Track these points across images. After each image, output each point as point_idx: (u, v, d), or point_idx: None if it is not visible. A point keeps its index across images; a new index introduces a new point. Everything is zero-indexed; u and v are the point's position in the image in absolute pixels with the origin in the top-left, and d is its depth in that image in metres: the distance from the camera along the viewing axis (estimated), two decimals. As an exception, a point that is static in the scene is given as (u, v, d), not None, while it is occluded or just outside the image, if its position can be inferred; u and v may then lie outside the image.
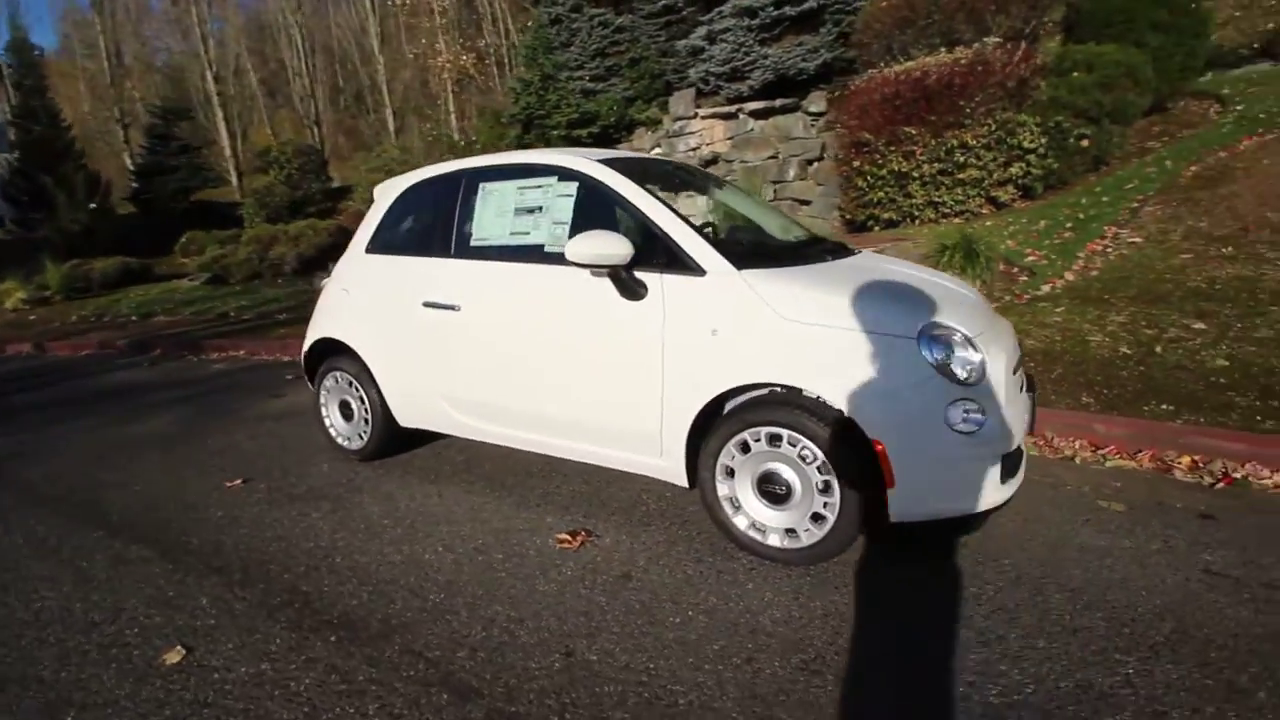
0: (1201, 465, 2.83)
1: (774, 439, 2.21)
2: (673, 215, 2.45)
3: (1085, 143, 7.33)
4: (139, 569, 2.56)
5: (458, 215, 3.03)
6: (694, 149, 14.93)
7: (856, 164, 8.70)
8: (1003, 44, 7.77)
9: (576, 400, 2.64)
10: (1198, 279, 4.53)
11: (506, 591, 2.25)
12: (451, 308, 2.92)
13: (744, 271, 2.29)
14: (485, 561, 2.46)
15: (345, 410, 3.56)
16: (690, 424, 2.35)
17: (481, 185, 2.97)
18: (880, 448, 2.02)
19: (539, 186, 2.78)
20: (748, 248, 2.53)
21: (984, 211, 7.70)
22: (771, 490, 2.26)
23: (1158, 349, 3.68)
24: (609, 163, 2.69)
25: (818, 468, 2.14)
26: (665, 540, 2.52)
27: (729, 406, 2.34)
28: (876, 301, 2.19)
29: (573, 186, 2.69)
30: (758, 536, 2.32)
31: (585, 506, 2.85)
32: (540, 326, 2.69)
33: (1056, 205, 7.10)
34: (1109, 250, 5.56)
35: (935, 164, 7.69)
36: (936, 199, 7.86)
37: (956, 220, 7.73)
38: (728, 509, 2.36)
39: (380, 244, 3.36)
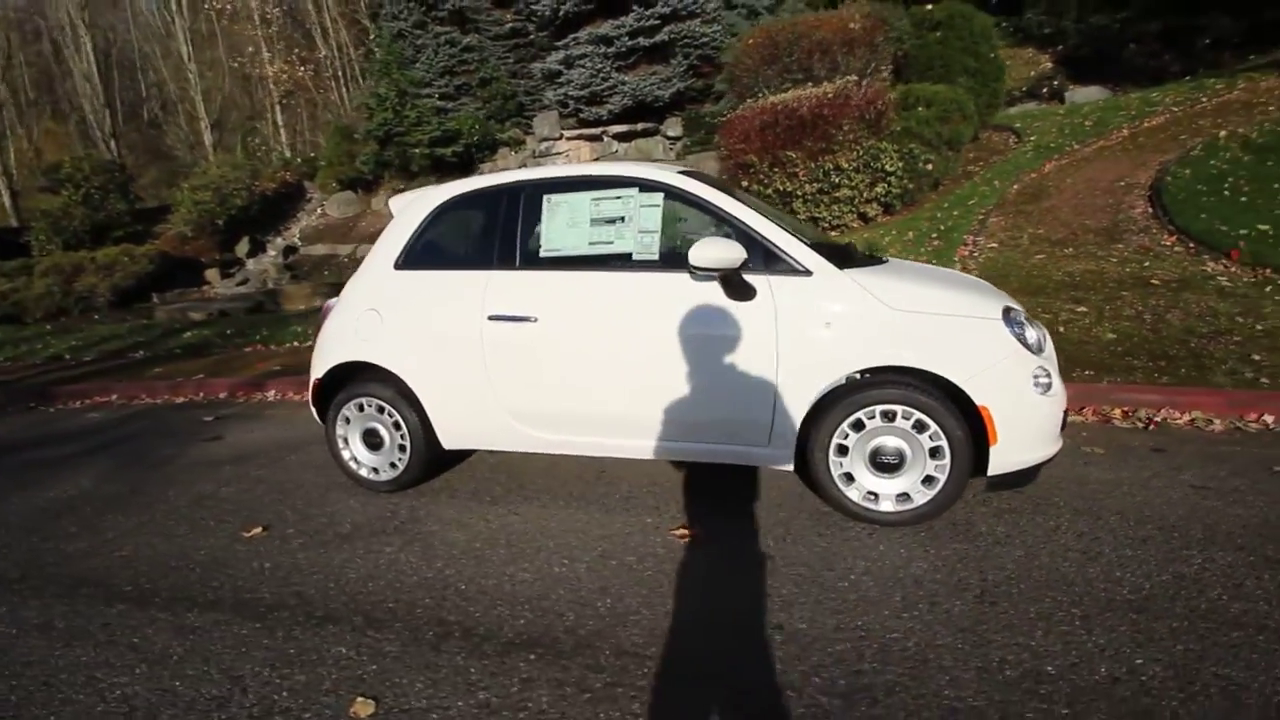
0: (1130, 414, 3.63)
1: (888, 415, 2.52)
2: (769, 222, 2.69)
3: (930, 166, 8.71)
4: (220, 633, 2.23)
5: (520, 227, 3.00)
6: (562, 169, 15.09)
7: (744, 184, 9.45)
8: (857, 82, 8.99)
9: (679, 399, 2.75)
10: (1058, 274, 5.67)
11: (669, 586, 2.32)
12: (526, 319, 2.88)
13: (846, 271, 2.59)
14: (621, 565, 2.48)
15: (372, 440, 3.29)
16: (807, 410, 2.59)
17: (546, 197, 2.98)
18: (986, 412, 2.42)
19: (618, 198, 2.87)
20: (827, 250, 2.83)
21: (855, 226, 8.81)
22: (884, 461, 2.57)
23: (1060, 329, 4.59)
24: (688, 174, 2.87)
25: (930, 435, 2.49)
26: (771, 523, 2.71)
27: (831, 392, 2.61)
28: (957, 292, 2.61)
29: (658, 197, 2.81)
30: (871, 505, 2.61)
31: (670, 504, 2.95)
32: (636, 330, 2.77)
33: (915, 219, 8.34)
34: (976, 254, 6.70)
35: (815, 184, 8.65)
36: (817, 215, 8.83)
37: (833, 233, 8.75)
38: (841, 484, 2.62)
39: (417, 259, 3.18)
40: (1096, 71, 13.04)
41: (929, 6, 10.42)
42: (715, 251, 2.51)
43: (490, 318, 2.94)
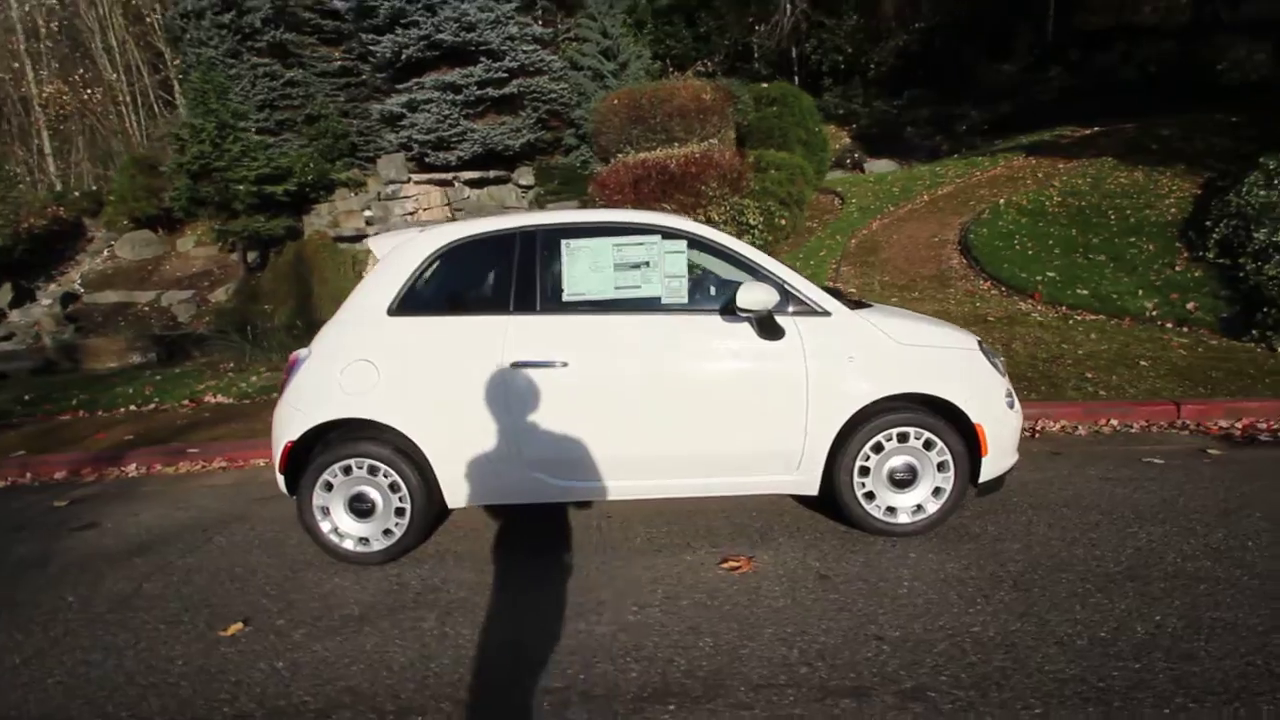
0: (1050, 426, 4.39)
1: (902, 437, 2.86)
2: (788, 268, 2.94)
3: (784, 221, 9.80)
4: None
5: (539, 271, 2.94)
6: (411, 213, 14.58)
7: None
8: (719, 146, 9.92)
9: (715, 435, 2.86)
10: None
11: (764, 613, 2.39)
12: (554, 364, 2.82)
13: (856, 311, 2.92)
14: (694, 604, 2.50)
15: (360, 506, 2.93)
16: (834, 437, 2.84)
17: (564, 242, 2.96)
18: (980, 428, 2.85)
19: (640, 244, 2.95)
20: (831, 293, 3.13)
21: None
22: (899, 478, 2.89)
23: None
24: (700, 224, 3.05)
25: (937, 451, 2.86)
26: (803, 546, 2.90)
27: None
28: (939, 327, 3.06)
29: (681, 244, 2.95)
30: (890, 519, 2.91)
31: (699, 540, 3.01)
32: (672, 371, 2.84)
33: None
34: (841, 298, 7.65)
35: (690, 234, 9.28)
36: (692, 262, 9.46)
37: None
38: (864, 502, 2.90)
39: (416, 305, 2.96)
40: (886, 147, 15.60)
41: (764, 85, 11.86)
42: (759, 295, 2.70)
43: (514, 364, 2.83)
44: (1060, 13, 17.36)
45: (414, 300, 2.97)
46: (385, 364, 2.88)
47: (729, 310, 2.85)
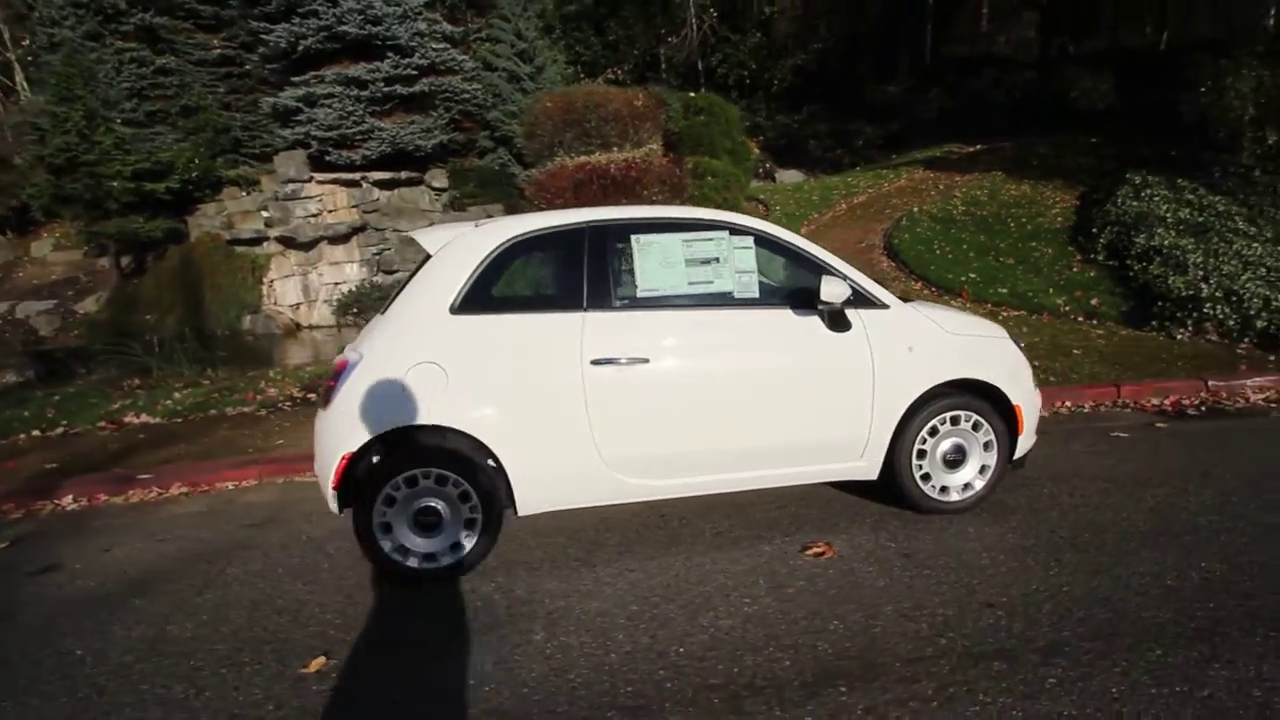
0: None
1: (954, 419, 3.07)
2: (844, 263, 3.07)
3: (721, 226, 10.10)
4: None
5: (612, 267, 2.88)
6: (314, 215, 13.61)
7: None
8: (655, 152, 10.07)
9: (789, 426, 2.93)
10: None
11: (872, 593, 2.48)
12: (635, 361, 2.77)
13: (908, 304, 3.11)
14: (799, 591, 2.55)
15: (425, 521, 2.73)
16: (897, 422, 2.99)
17: (634, 238, 2.92)
18: (1019, 409, 3.12)
19: (709, 240, 2.97)
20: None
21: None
22: (951, 459, 3.10)
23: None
24: (763, 221, 3.12)
25: (984, 432, 3.10)
26: (870, 529, 3.04)
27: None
28: (975, 318, 3.31)
29: (749, 240, 3.00)
30: (943, 498, 3.11)
31: (775, 529, 3.07)
32: (749, 365, 2.88)
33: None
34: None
35: (634, 238, 9.36)
36: (636, 266, 9.53)
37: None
38: (922, 483, 3.08)
39: (481, 303, 2.79)
40: (793, 158, 16.49)
41: (692, 95, 12.18)
42: (837, 289, 2.81)
43: (594, 361, 2.75)
44: (935, 41, 19.20)
45: (478, 298, 2.80)
46: (453, 366, 2.70)
47: (800, 304, 2.94)
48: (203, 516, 3.75)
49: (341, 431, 2.68)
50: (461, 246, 2.86)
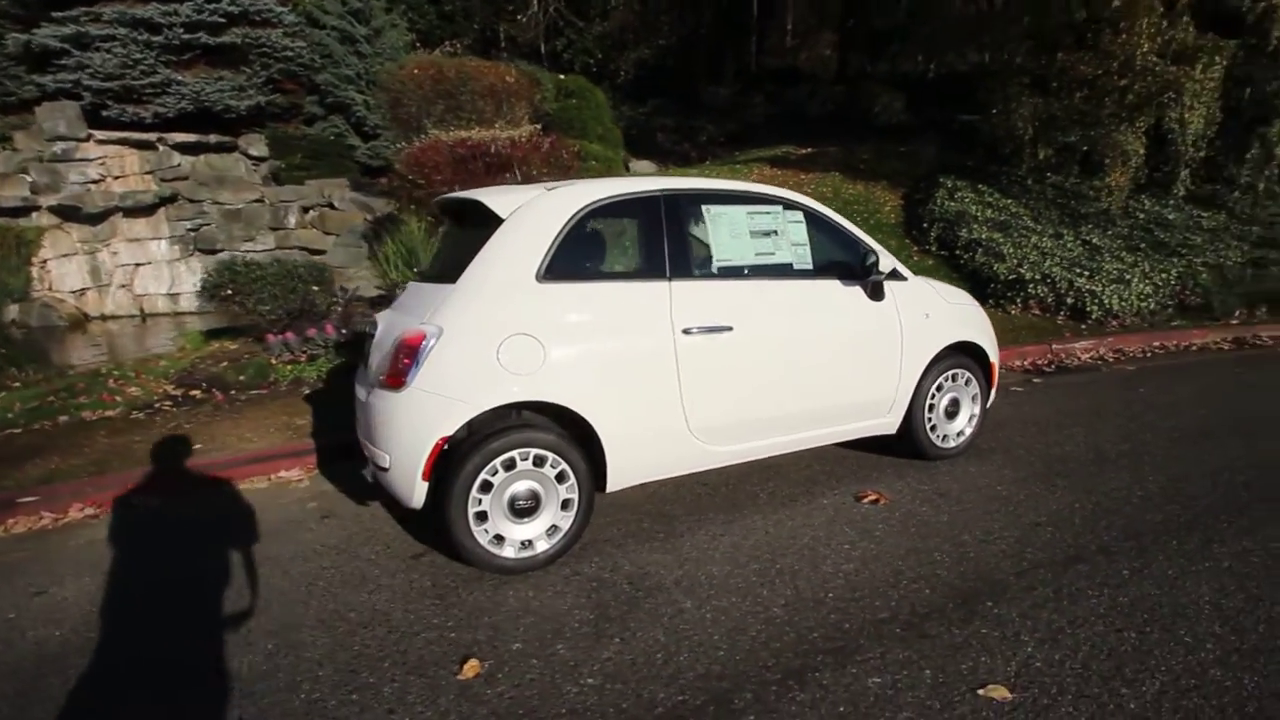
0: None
1: (954, 376, 3.55)
2: (872, 239, 3.38)
3: (603, 211, 10.18)
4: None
5: (690, 236, 2.87)
6: (96, 181, 11.26)
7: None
8: (537, 131, 9.80)
9: (839, 388, 3.17)
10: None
11: (942, 527, 2.82)
12: (721, 329, 2.82)
13: (917, 277, 3.51)
14: (886, 530, 2.82)
15: (521, 505, 2.52)
16: (917, 381, 3.39)
17: (705, 208, 2.94)
18: (993, 366, 3.69)
19: (768, 213, 3.09)
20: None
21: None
22: (950, 411, 3.58)
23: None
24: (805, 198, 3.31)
25: (969, 385, 3.62)
26: (895, 477, 3.40)
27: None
28: (958, 290, 3.82)
29: (800, 215, 3.17)
30: (945, 445, 3.58)
31: (821, 484, 3.30)
32: (811, 332, 3.07)
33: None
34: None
35: (523, 220, 9.08)
36: (524, 249, 9.26)
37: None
38: (930, 434, 3.52)
39: (564, 271, 2.62)
40: (644, 149, 16.96)
41: (561, 76, 12.00)
42: (886, 262, 3.11)
43: (684, 330, 2.75)
44: (757, 51, 20.92)
45: (562, 266, 2.65)
46: (551, 338, 2.53)
47: (845, 275, 3.20)
48: (156, 538, 3.05)
49: (431, 414, 2.39)
50: (539, 211, 2.67)
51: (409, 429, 2.40)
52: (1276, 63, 9.36)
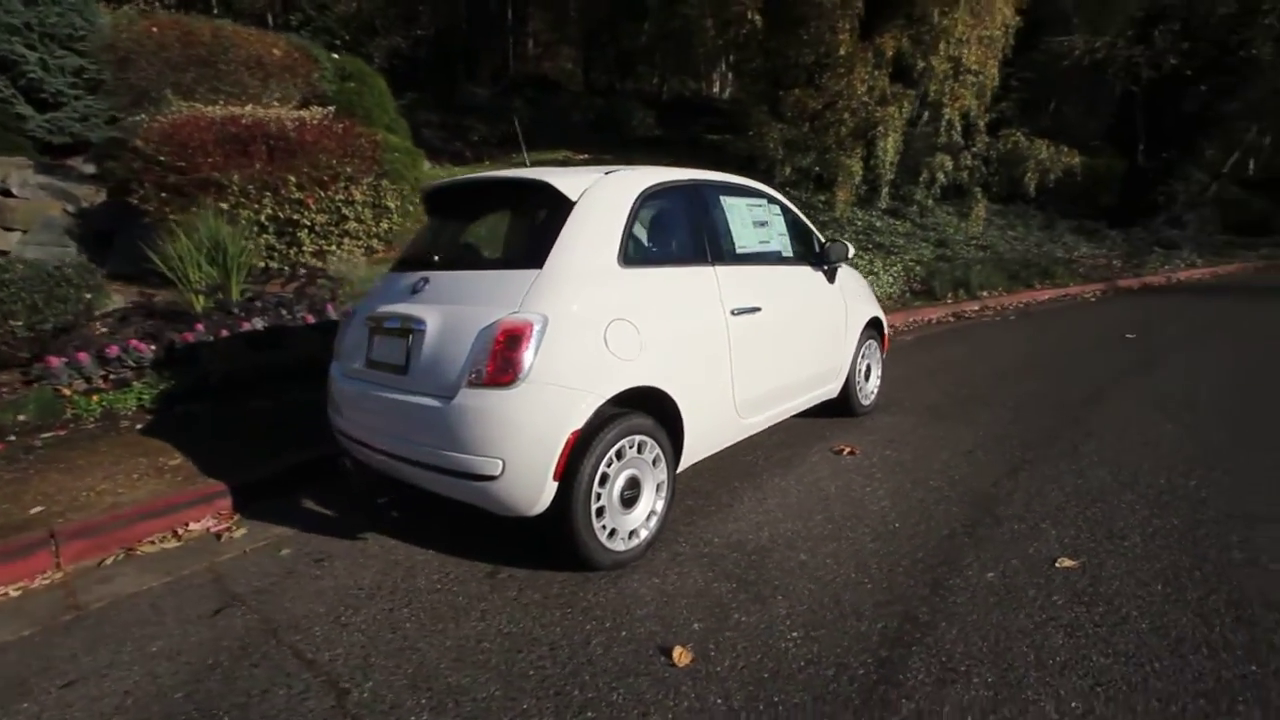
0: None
1: (869, 346, 4.27)
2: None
3: (412, 206, 9.40)
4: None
5: (720, 223, 3.03)
6: None
7: (211, 204, 7.60)
8: (324, 114, 8.64)
9: (815, 360, 3.63)
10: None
11: (935, 466, 3.43)
12: (756, 310, 3.05)
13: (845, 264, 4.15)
14: (882, 474, 3.34)
15: (628, 494, 2.46)
16: (854, 351, 4.02)
17: (722, 198, 3.12)
18: (887, 333, 4.53)
19: (760, 205, 3.38)
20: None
21: (362, 260, 8.61)
22: (868, 373, 4.31)
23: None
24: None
25: (875, 350, 4.39)
26: (844, 430, 3.99)
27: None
28: (856, 273, 4.57)
29: (778, 208, 3.53)
30: (866, 402, 4.29)
31: (792, 446, 3.71)
32: (804, 312, 3.48)
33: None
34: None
35: (325, 215, 7.99)
36: (327, 249, 8.14)
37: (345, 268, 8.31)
38: (859, 394, 4.19)
39: (634, 256, 2.59)
40: (415, 145, 15.90)
41: (335, 56, 10.64)
42: (845, 250, 3.65)
43: (731, 311, 2.92)
44: (514, 57, 21.01)
45: (632, 250, 2.63)
46: (643, 322, 2.51)
47: (810, 262, 3.67)
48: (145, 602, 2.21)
49: (558, 407, 2.21)
50: (607, 195, 2.61)
51: (532, 426, 2.18)
52: (934, 108, 12.54)
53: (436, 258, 2.70)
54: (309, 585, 2.44)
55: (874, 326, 4.32)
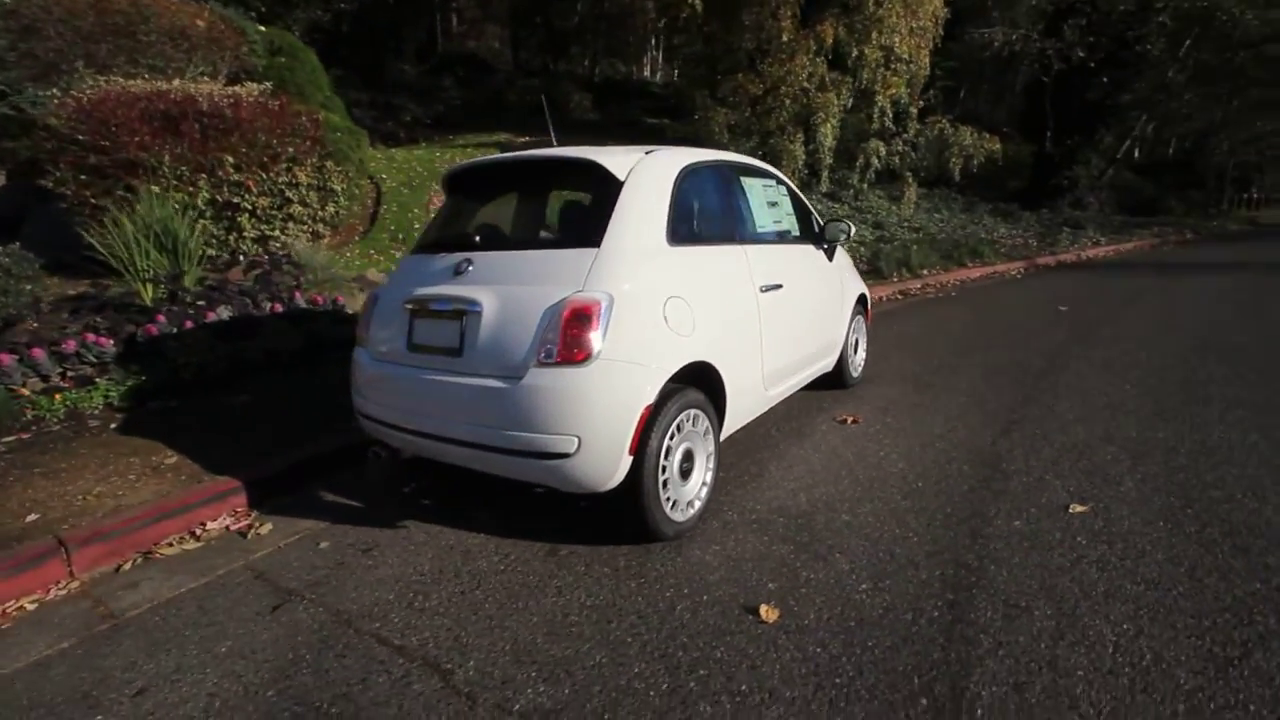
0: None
1: (860, 320, 4.49)
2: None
3: (358, 189, 8.99)
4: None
5: (744, 203, 3.10)
6: None
7: (138, 185, 7.05)
8: (258, 90, 8.10)
9: (820, 335, 3.79)
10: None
11: (922, 435, 3.66)
12: (781, 287, 3.16)
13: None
14: (891, 438, 3.54)
15: (685, 466, 2.52)
16: (847, 326, 4.22)
17: (742, 179, 3.19)
18: (870, 309, 4.77)
19: (770, 186, 3.48)
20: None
21: (308, 243, 8.18)
22: (857, 346, 4.53)
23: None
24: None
25: (862, 324, 4.62)
26: (842, 400, 4.19)
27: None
28: (844, 252, 4.77)
29: (785, 189, 3.64)
30: (856, 374, 4.51)
31: (800, 417, 3.87)
32: (814, 287, 3.63)
33: (377, 235, 8.66)
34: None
35: (268, 198, 7.53)
36: (270, 233, 7.69)
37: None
38: (850, 367, 4.40)
39: (680, 234, 2.63)
40: (338, 125, 15.09)
41: (261, 28, 9.94)
42: (846, 229, 3.81)
43: (761, 289, 3.02)
44: (442, 34, 20.25)
45: (675, 229, 2.67)
46: (695, 299, 2.58)
47: (812, 241, 3.81)
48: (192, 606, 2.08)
49: (631, 382, 2.24)
50: (651, 173, 2.64)
51: (606, 403, 2.20)
52: (868, 96, 13.05)
53: (478, 238, 2.65)
54: (366, 575, 2.39)
55: (861, 302, 4.54)
